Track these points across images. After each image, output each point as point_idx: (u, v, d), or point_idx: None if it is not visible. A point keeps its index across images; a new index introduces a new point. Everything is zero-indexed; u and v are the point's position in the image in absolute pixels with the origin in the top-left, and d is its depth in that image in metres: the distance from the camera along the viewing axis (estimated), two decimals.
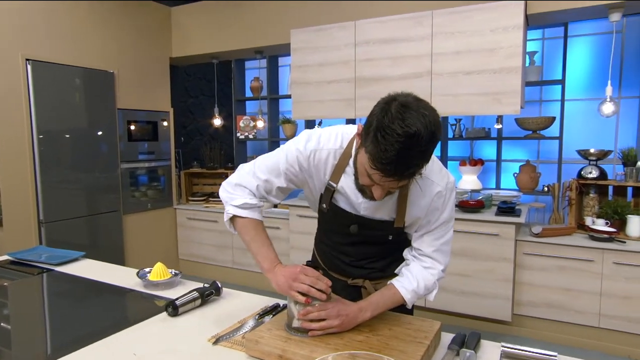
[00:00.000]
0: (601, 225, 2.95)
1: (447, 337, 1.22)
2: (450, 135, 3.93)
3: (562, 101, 3.44)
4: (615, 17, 2.96)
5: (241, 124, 4.73)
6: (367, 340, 1.12)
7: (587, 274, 2.84)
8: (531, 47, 3.70)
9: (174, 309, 1.36)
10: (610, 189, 3.18)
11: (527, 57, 3.41)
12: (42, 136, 3.34)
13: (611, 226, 2.94)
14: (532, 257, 2.99)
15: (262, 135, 4.88)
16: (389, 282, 1.28)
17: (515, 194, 3.51)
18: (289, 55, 3.90)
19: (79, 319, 1.43)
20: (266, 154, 1.33)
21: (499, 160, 3.89)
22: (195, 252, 4.52)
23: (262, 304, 1.47)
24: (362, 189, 1.13)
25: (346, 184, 1.23)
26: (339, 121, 3.82)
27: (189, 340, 1.22)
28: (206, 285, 1.53)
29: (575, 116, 3.68)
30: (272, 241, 1.30)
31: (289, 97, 4.14)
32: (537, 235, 2.99)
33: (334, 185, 1.24)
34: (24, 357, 1.20)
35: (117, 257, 3.92)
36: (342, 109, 3.64)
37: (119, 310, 1.58)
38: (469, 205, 3.21)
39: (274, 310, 1.39)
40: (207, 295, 1.48)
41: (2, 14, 3.12)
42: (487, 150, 4.07)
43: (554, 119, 3.42)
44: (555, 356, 1.08)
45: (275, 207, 4.19)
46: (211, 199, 4.64)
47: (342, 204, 1.27)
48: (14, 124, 3.20)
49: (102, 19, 3.82)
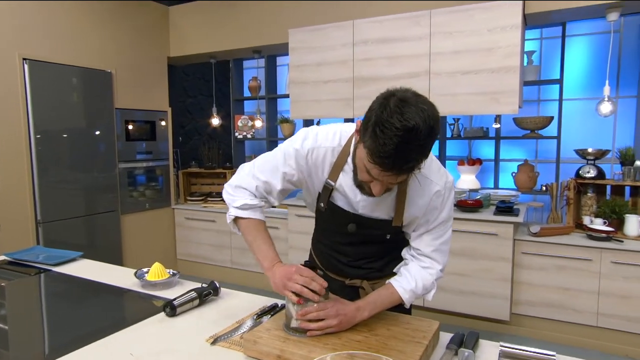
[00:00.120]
0: (599, 224, 2.96)
1: (445, 337, 1.22)
2: (448, 134, 3.93)
3: (560, 101, 3.45)
4: (612, 16, 2.97)
5: (239, 123, 4.72)
6: (365, 340, 1.11)
7: (585, 274, 2.85)
8: (529, 46, 3.71)
9: (171, 309, 1.36)
10: (608, 189, 3.19)
11: (525, 56, 3.41)
12: (39, 136, 3.32)
13: (609, 225, 2.94)
14: (531, 257, 2.99)
15: (260, 134, 4.88)
16: (387, 282, 1.28)
17: (513, 193, 3.51)
18: (287, 54, 3.90)
19: (76, 320, 1.42)
20: (265, 153, 1.32)
21: (497, 159, 3.89)
22: (193, 252, 4.51)
23: (260, 304, 1.46)
24: (361, 185, 1.13)
25: (344, 182, 1.22)
26: (337, 121, 3.81)
27: (187, 340, 1.21)
28: (204, 285, 1.52)
29: (573, 116, 3.68)
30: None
31: (287, 96, 4.14)
32: (535, 234, 2.99)
33: (332, 183, 1.24)
34: (22, 357, 1.19)
35: (115, 257, 3.91)
36: (340, 109, 3.64)
37: (116, 310, 1.57)
38: (467, 204, 3.22)
39: (273, 310, 1.39)
40: (205, 295, 1.47)
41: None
42: (485, 149, 4.07)
43: (552, 118, 3.42)
44: (553, 355, 1.08)
45: (273, 207, 4.17)
46: (209, 198, 4.63)
47: (340, 202, 1.27)
48: (11, 124, 3.19)
49: (100, 18, 3.81)
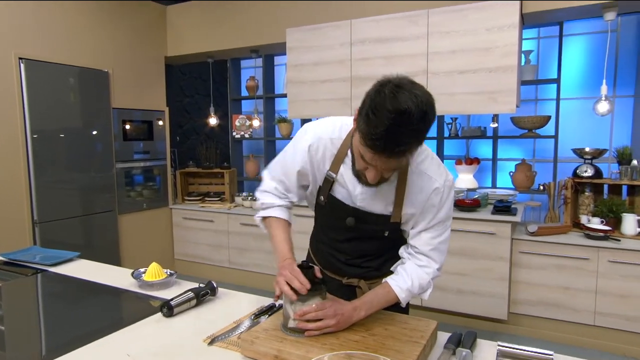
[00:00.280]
0: (596, 223, 2.96)
1: (443, 336, 1.22)
2: (446, 134, 3.93)
3: (558, 100, 3.45)
4: (609, 16, 2.98)
5: (237, 123, 4.71)
6: (363, 340, 1.11)
7: (583, 272, 2.85)
8: (526, 46, 3.71)
9: (169, 309, 1.35)
10: (605, 188, 3.20)
11: (522, 56, 3.41)
12: (36, 136, 3.31)
13: (606, 224, 2.95)
14: (528, 256, 3.00)
15: (258, 134, 4.87)
16: (383, 280, 1.28)
17: (511, 192, 3.51)
18: (285, 54, 3.89)
19: (73, 320, 1.42)
20: (280, 153, 1.39)
21: (494, 159, 3.90)
22: (190, 252, 4.51)
23: (258, 304, 1.46)
24: (359, 175, 1.15)
25: (345, 173, 1.25)
26: None
27: (184, 340, 1.21)
28: (202, 285, 1.52)
29: (570, 115, 3.69)
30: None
31: (285, 96, 4.13)
32: (533, 233, 2.99)
33: (333, 175, 1.26)
34: (19, 358, 1.19)
35: (112, 257, 3.90)
36: (338, 108, 3.63)
37: (113, 310, 1.57)
38: (465, 204, 3.22)
39: (270, 310, 1.39)
40: (203, 295, 1.47)
41: None
42: (483, 149, 4.08)
43: (549, 117, 3.43)
44: (551, 355, 1.08)
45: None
46: (207, 198, 4.61)
47: (340, 195, 1.28)
48: (8, 124, 3.18)
49: (97, 17, 3.79)
